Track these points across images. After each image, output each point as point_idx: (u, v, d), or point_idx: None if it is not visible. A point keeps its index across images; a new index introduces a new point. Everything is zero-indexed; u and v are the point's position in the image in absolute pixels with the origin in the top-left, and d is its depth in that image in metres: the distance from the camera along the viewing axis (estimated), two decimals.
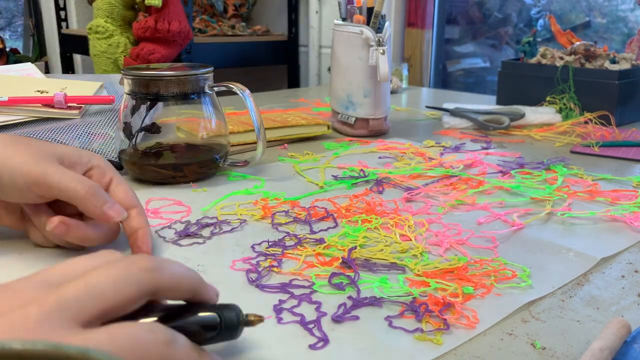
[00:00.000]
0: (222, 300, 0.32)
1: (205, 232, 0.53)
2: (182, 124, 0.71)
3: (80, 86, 0.80)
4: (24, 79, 0.81)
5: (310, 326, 0.37)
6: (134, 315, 0.28)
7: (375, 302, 0.40)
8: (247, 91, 0.66)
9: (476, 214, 0.58)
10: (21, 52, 2.20)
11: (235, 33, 1.79)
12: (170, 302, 0.31)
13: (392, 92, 1.37)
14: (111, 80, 0.88)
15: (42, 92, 0.75)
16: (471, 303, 0.41)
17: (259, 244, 0.50)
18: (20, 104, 0.71)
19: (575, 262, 0.48)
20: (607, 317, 0.39)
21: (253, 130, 0.81)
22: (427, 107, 1.14)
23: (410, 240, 0.51)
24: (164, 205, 0.59)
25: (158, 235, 0.52)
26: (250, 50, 1.75)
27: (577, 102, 1.01)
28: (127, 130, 0.65)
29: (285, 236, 0.52)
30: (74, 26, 1.99)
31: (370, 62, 0.86)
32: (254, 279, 0.44)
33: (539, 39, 1.19)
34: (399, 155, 0.80)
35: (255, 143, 0.67)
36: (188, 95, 0.65)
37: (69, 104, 0.73)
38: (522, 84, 1.09)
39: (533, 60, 1.10)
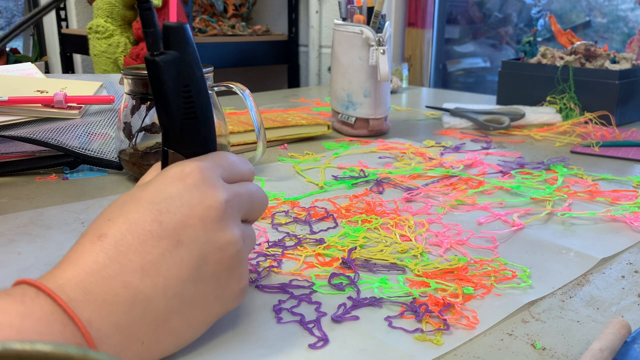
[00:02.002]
0: None
1: None
2: None
3: (80, 86, 0.80)
4: (24, 79, 0.81)
5: (310, 326, 0.37)
6: None
7: (375, 302, 0.40)
8: (247, 91, 0.66)
9: (476, 214, 0.58)
10: (21, 52, 2.20)
11: (235, 33, 1.79)
12: None
13: (392, 92, 1.37)
14: (111, 80, 0.88)
15: (42, 92, 0.74)
16: (471, 303, 0.41)
17: (259, 244, 0.50)
18: (20, 104, 0.70)
19: (575, 262, 0.48)
20: (607, 317, 0.39)
21: (253, 130, 0.81)
22: (427, 107, 1.14)
23: (410, 240, 0.51)
24: None
25: None
26: (250, 50, 1.75)
27: (577, 102, 1.01)
28: (127, 130, 0.65)
29: (285, 236, 0.52)
30: (74, 26, 1.99)
31: (370, 62, 0.86)
32: (253, 279, 0.43)
33: (539, 39, 1.19)
34: (399, 155, 0.80)
35: (255, 143, 0.67)
36: None
37: (69, 104, 0.73)
38: (522, 84, 1.09)
39: (533, 60, 1.10)
